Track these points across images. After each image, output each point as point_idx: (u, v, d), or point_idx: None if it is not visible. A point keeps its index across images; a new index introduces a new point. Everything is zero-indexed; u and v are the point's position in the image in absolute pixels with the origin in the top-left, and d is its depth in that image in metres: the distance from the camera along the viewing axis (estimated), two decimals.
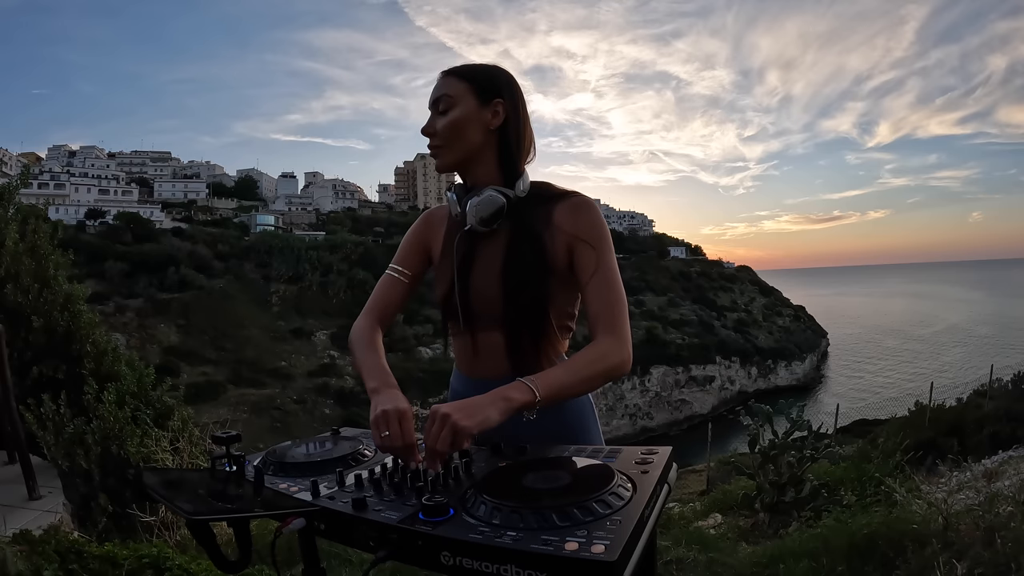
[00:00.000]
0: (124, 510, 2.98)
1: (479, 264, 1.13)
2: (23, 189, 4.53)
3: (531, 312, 1.07)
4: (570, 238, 1.08)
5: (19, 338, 3.71)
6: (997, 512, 2.27)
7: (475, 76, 1.09)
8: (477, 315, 1.12)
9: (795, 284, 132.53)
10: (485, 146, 1.11)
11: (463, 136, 1.09)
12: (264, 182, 65.92)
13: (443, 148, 1.10)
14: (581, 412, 1.15)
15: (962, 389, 10.76)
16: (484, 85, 1.09)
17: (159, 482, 0.89)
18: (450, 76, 1.10)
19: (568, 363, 1.00)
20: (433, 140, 1.10)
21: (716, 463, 8.48)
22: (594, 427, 1.17)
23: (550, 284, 1.08)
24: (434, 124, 1.10)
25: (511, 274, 1.07)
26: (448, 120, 1.08)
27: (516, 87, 1.13)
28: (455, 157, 1.11)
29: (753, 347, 41.90)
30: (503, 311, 1.08)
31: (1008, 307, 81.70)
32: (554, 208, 1.10)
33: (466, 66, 1.11)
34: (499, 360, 1.11)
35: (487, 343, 1.12)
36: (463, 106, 1.08)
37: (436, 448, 0.83)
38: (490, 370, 1.12)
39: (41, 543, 1.89)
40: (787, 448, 3.89)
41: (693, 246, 67.24)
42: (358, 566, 2.37)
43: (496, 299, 1.09)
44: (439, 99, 1.09)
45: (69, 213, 37.85)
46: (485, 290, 1.10)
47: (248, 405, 23.87)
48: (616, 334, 1.01)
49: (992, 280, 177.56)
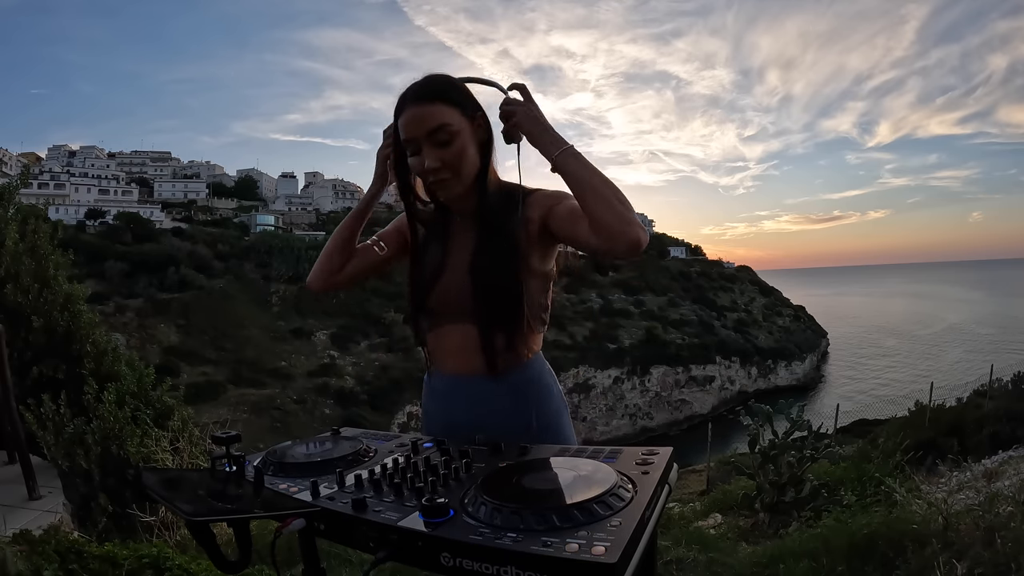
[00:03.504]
0: (124, 510, 2.98)
1: (452, 256, 1.14)
2: (23, 189, 4.54)
3: (499, 305, 1.08)
4: (540, 217, 1.09)
5: (19, 338, 3.71)
6: (997, 512, 2.26)
7: (457, 98, 1.07)
8: (450, 309, 1.13)
9: (795, 284, 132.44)
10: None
11: (470, 163, 1.08)
12: (264, 182, 65.82)
13: (452, 180, 1.08)
14: (558, 410, 1.17)
15: (962, 389, 10.76)
16: (467, 104, 1.08)
17: (159, 482, 0.89)
18: (436, 103, 1.05)
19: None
20: (440, 174, 1.06)
21: (716, 463, 8.47)
22: (568, 427, 1.19)
23: (522, 276, 1.09)
24: (440, 156, 1.05)
25: (481, 267, 1.09)
26: (456, 151, 1.05)
27: (468, 88, 1.11)
28: (464, 186, 1.10)
29: (753, 347, 41.86)
30: (473, 304, 1.09)
31: (1008, 307, 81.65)
32: (524, 203, 1.12)
33: (440, 87, 1.07)
34: (472, 354, 1.11)
35: (461, 338, 1.13)
36: (464, 133, 1.06)
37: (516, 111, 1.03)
38: (463, 365, 1.13)
39: (41, 543, 1.89)
40: (787, 448, 3.88)
41: (693, 246, 67.15)
42: (358, 566, 2.37)
43: (468, 292, 1.10)
44: (437, 129, 1.04)
45: (69, 213, 37.81)
46: (457, 282, 1.12)
47: (248, 405, 23.84)
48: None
49: (992, 280, 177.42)
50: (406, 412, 26.53)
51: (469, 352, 1.12)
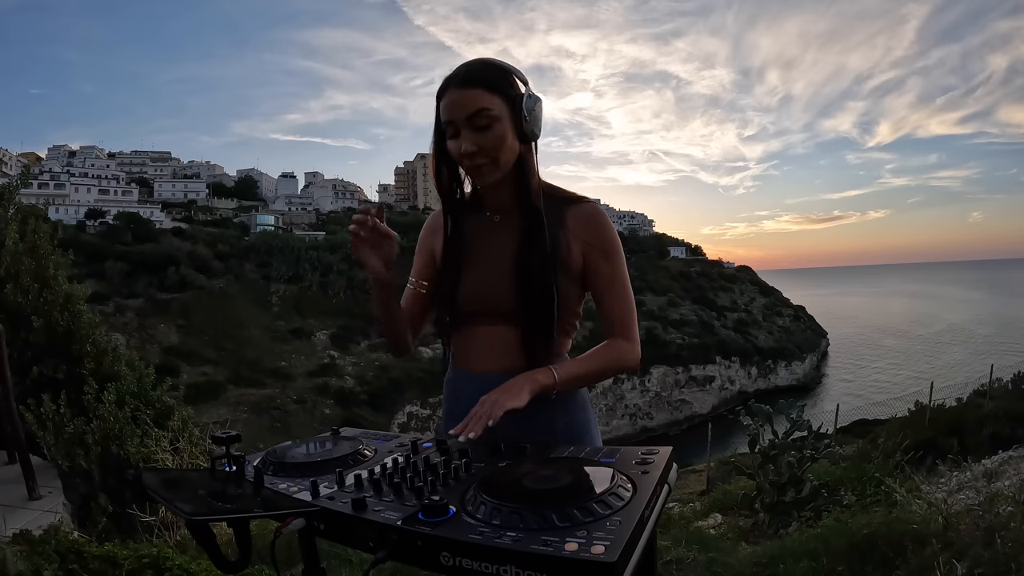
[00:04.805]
0: (124, 510, 2.98)
1: (490, 255, 1.13)
2: (23, 189, 4.55)
3: (542, 306, 1.07)
4: (584, 246, 1.11)
5: (19, 338, 3.71)
6: (997, 512, 2.26)
7: (500, 83, 1.04)
8: (485, 308, 1.12)
9: (795, 284, 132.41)
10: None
11: (508, 150, 1.06)
12: (264, 182, 65.81)
13: (489, 165, 1.06)
14: (583, 413, 1.16)
15: (962, 389, 10.76)
16: (511, 93, 1.05)
17: (159, 482, 0.89)
18: (476, 88, 1.03)
19: (586, 356, 1.11)
20: (477, 159, 1.05)
21: (716, 463, 8.48)
22: (594, 428, 1.18)
23: (560, 281, 1.09)
24: (477, 141, 1.04)
25: (525, 265, 1.08)
26: (495, 137, 1.03)
27: (522, 76, 1.08)
28: (502, 173, 1.08)
29: (753, 347, 41.88)
30: (514, 304, 1.09)
31: (1008, 307, 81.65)
32: (566, 211, 1.12)
33: (485, 73, 1.05)
34: (506, 355, 1.11)
35: (495, 337, 1.12)
36: (504, 119, 1.04)
37: (483, 418, 0.94)
38: (498, 364, 1.11)
39: (41, 543, 1.88)
40: (787, 448, 3.88)
41: (693, 246, 67.16)
42: (358, 566, 2.37)
43: (507, 291, 1.09)
44: (476, 114, 1.02)
45: (69, 213, 37.86)
46: (495, 281, 1.10)
47: (248, 405, 23.85)
48: (630, 338, 1.13)
49: (992, 280, 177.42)
50: (406, 412, 26.53)
51: (504, 352, 1.11)
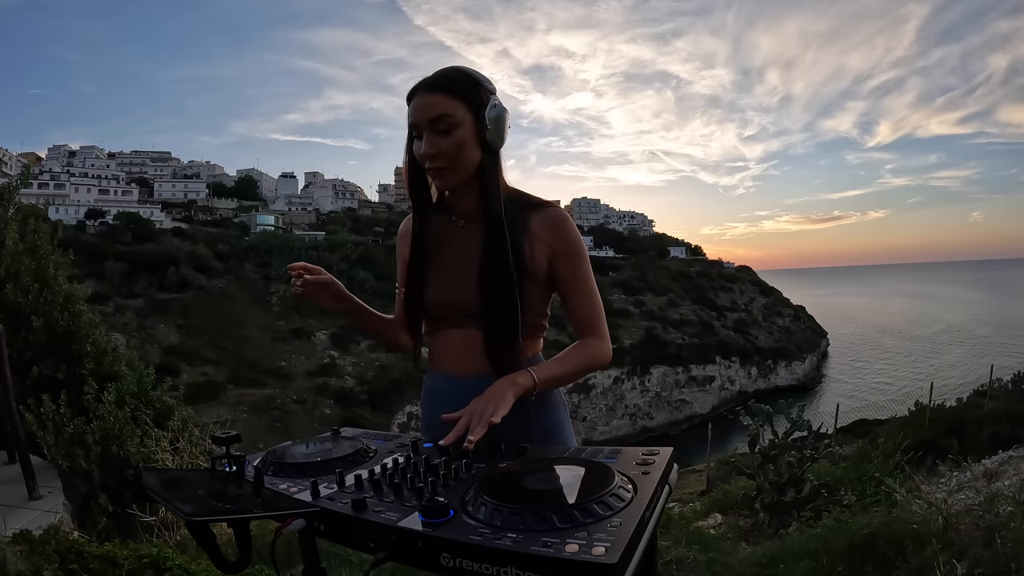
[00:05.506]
0: (124, 510, 2.98)
1: (456, 260, 1.15)
2: (23, 189, 4.54)
3: (505, 311, 1.09)
4: (549, 250, 1.12)
5: (19, 338, 3.71)
6: (997, 512, 2.26)
7: (466, 91, 1.06)
8: (454, 312, 1.14)
9: (795, 284, 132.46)
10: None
11: (468, 156, 1.08)
12: (264, 182, 65.79)
13: (447, 170, 1.08)
14: (557, 412, 1.19)
15: (962, 389, 10.77)
16: (475, 100, 1.07)
17: (159, 482, 0.88)
18: (441, 94, 1.06)
19: (561, 357, 1.13)
20: (436, 162, 1.07)
21: (716, 463, 8.48)
22: (568, 427, 1.21)
23: (524, 285, 1.10)
24: (437, 144, 1.06)
25: (487, 271, 1.10)
26: (454, 142, 1.05)
27: (490, 86, 1.10)
28: (460, 178, 1.10)
29: (753, 347, 41.88)
30: (478, 309, 1.10)
31: (1008, 307, 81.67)
32: (531, 216, 1.13)
33: (451, 80, 1.07)
34: (479, 357, 1.12)
35: (467, 340, 1.14)
36: (465, 126, 1.06)
37: (476, 429, 0.94)
38: (473, 367, 1.13)
39: (41, 543, 1.88)
40: (787, 448, 3.89)
41: (693, 246, 67.20)
42: (358, 567, 2.37)
43: (473, 296, 1.11)
44: (438, 118, 1.05)
45: (69, 213, 37.84)
46: (461, 286, 1.12)
47: (248, 405, 23.85)
48: (600, 335, 1.16)
49: (992, 280, 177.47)
50: (406, 412, 26.52)
51: (471, 354, 1.13)
